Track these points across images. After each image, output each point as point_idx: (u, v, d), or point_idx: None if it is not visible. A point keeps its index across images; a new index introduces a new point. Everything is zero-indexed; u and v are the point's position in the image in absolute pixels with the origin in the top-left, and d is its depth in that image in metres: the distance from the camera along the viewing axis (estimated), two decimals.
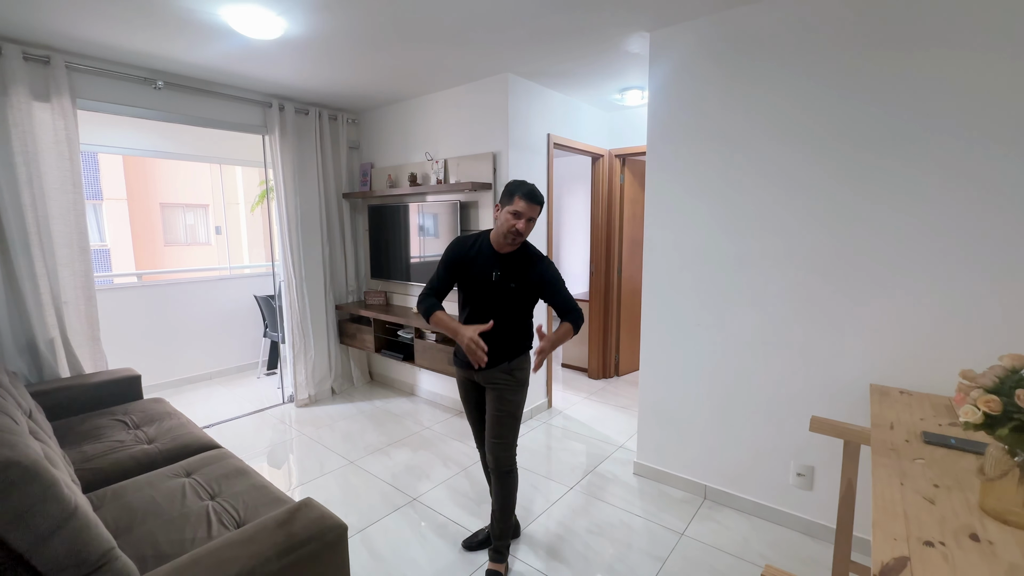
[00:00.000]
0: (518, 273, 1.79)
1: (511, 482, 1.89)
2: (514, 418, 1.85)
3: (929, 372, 1.78)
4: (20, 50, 2.39)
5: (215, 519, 1.54)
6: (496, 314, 1.78)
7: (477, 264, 1.82)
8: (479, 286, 1.81)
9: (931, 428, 1.38)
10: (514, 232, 1.71)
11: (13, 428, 1.22)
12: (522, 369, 1.86)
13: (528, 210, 1.71)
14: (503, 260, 1.80)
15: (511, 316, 1.82)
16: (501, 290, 1.78)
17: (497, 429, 1.84)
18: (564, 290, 1.82)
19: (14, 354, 2.50)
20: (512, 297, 1.80)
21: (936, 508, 1.00)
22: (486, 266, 1.80)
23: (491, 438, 1.85)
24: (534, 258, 1.82)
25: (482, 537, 2.06)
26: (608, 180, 4.00)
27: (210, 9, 2.08)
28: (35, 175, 2.48)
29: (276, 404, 3.75)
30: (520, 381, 1.85)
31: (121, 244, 9.74)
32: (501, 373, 1.82)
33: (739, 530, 2.16)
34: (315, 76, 3.00)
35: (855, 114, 1.85)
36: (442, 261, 1.89)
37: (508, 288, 1.78)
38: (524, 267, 1.79)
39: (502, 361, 1.81)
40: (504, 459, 1.85)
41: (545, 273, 1.80)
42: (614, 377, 4.30)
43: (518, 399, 1.85)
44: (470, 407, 1.98)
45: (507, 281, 1.78)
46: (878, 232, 1.85)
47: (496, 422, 1.83)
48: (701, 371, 2.36)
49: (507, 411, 1.83)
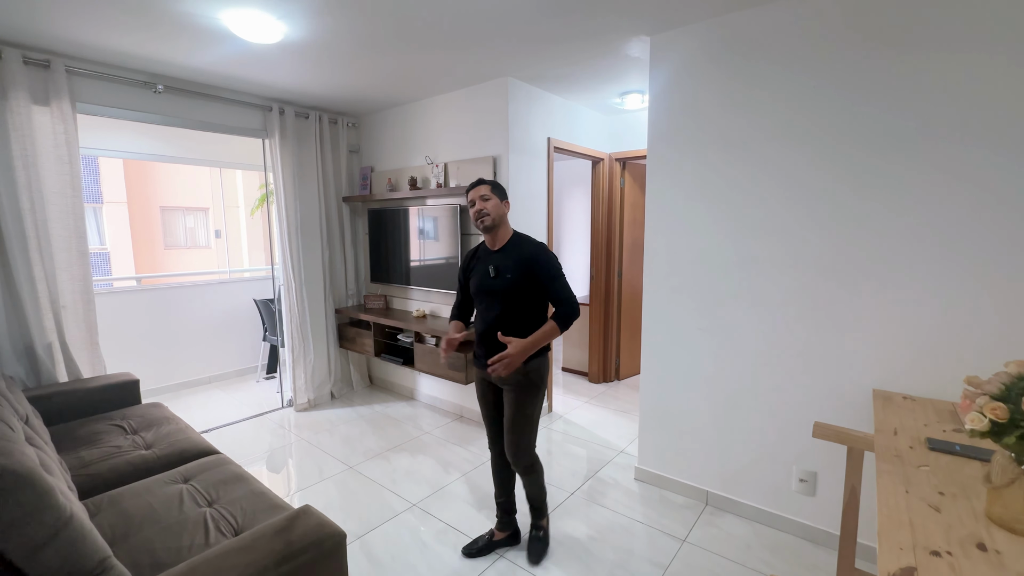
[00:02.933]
0: (511, 265, 1.81)
1: (534, 475, 1.97)
2: (529, 420, 1.88)
3: (933, 377, 1.77)
4: (20, 54, 2.38)
5: (213, 526, 1.53)
6: (501, 311, 1.82)
7: (478, 265, 1.92)
8: (480, 284, 1.88)
9: (935, 434, 1.36)
10: (476, 214, 1.82)
11: (8, 435, 1.20)
12: (537, 371, 1.86)
13: (474, 193, 1.84)
14: (497, 255, 1.86)
15: (518, 314, 1.82)
16: (500, 284, 1.82)
17: (513, 430, 1.87)
18: (557, 279, 1.81)
19: (12, 359, 2.49)
20: (512, 291, 1.80)
21: (942, 516, 0.99)
22: (484, 264, 1.89)
23: (508, 439, 1.89)
24: (526, 247, 1.84)
25: (482, 544, 2.05)
26: (608, 184, 4.00)
27: (210, 13, 2.08)
28: (34, 179, 2.47)
29: (275, 408, 3.73)
30: (534, 383, 1.86)
31: (121, 247, 9.74)
32: (516, 375, 1.82)
33: (741, 536, 2.15)
34: (315, 80, 3.00)
35: (858, 117, 1.85)
36: (458, 275, 2.03)
37: (505, 280, 1.80)
38: (516, 257, 1.82)
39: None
40: (522, 458, 1.90)
41: (534, 256, 1.81)
42: (615, 381, 4.28)
43: (533, 400, 1.87)
44: (486, 406, 2.00)
45: (503, 274, 1.81)
46: (881, 235, 1.84)
47: (512, 423, 1.87)
48: (702, 375, 2.34)
49: (522, 412, 1.86)
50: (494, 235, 1.87)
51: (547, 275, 1.80)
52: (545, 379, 1.89)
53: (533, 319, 1.84)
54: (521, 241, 1.87)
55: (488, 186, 1.84)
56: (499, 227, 1.85)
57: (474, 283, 1.91)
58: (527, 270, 1.80)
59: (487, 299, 1.86)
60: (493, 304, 1.84)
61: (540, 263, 1.80)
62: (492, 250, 1.88)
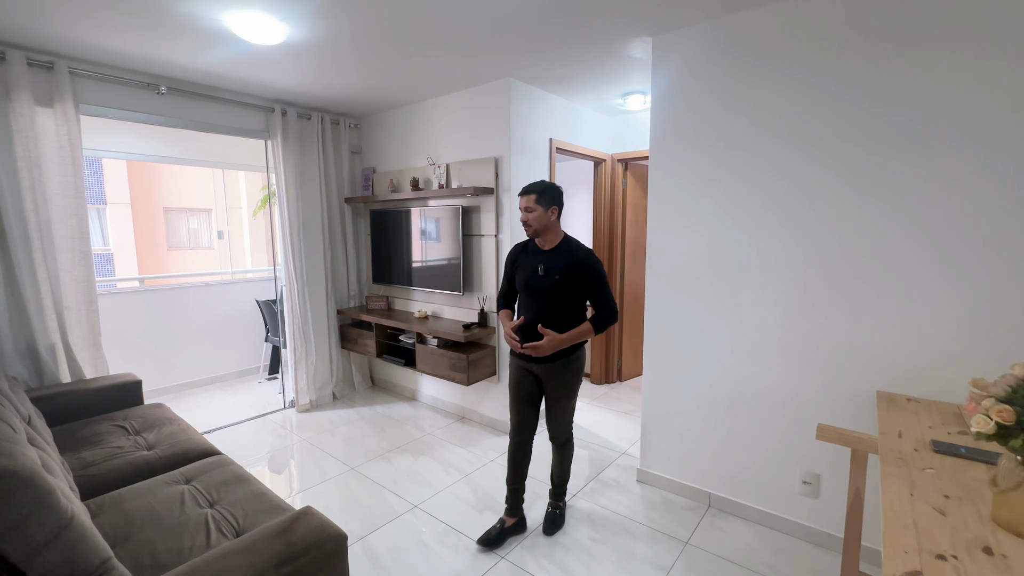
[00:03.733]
0: (561, 267, 1.98)
1: (568, 450, 2.21)
2: (569, 400, 2.11)
3: (937, 379, 1.75)
4: (24, 56, 2.39)
5: (214, 527, 1.53)
6: (545, 306, 2.01)
7: (526, 260, 2.11)
8: (528, 280, 2.06)
9: (940, 436, 1.35)
10: (524, 223, 2.02)
11: (10, 436, 1.20)
12: (579, 359, 2.08)
13: (520, 202, 2.02)
14: (547, 255, 2.04)
15: (560, 309, 2.01)
16: (547, 284, 2.00)
17: (555, 409, 2.11)
18: (602, 289, 2.00)
19: (15, 359, 2.49)
20: (558, 291, 1.99)
21: (947, 520, 0.98)
22: (533, 261, 2.07)
23: (555, 417, 2.13)
24: (577, 253, 2.01)
25: (495, 534, 2.12)
26: (610, 184, 3.99)
27: (213, 15, 2.08)
28: (37, 180, 2.48)
29: (277, 409, 3.74)
30: (575, 371, 2.08)
31: (124, 248, 9.76)
32: (558, 365, 2.03)
33: (744, 539, 2.14)
34: (317, 81, 3.00)
35: (862, 117, 1.84)
36: (505, 266, 2.23)
37: (553, 280, 1.99)
38: (566, 262, 1.99)
39: (561, 357, 2.02)
40: (561, 432, 2.15)
41: (585, 269, 1.98)
42: (617, 382, 4.27)
43: (573, 384, 2.09)
44: (519, 394, 2.15)
45: (552, 274, 1.99)
46: (886, 235, 1.83)
47: (556, 403, 2.10)
48: (705, 376, 2.34)
49: (563, 394, 2.09)
50: (543, 237, 2.05)
51: (595, 282, 1.98)
52: (583, 366, 2.12)
53: (572, 317, 2.02)
54: (572, 247, 2.03)
55: (533, 196, 1.98)
56: (546, 232, 2.03)
57: (521, 277, 2.09)
58: (576, 275, 1.97)
59: (532, 294, 2.04)
60: (538, 299, 2.02)
61: (590, 271, 1.97)
62: (543, 249, 2.06)
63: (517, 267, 2.14)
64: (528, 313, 2.06)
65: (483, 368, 3.14)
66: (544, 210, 1.98)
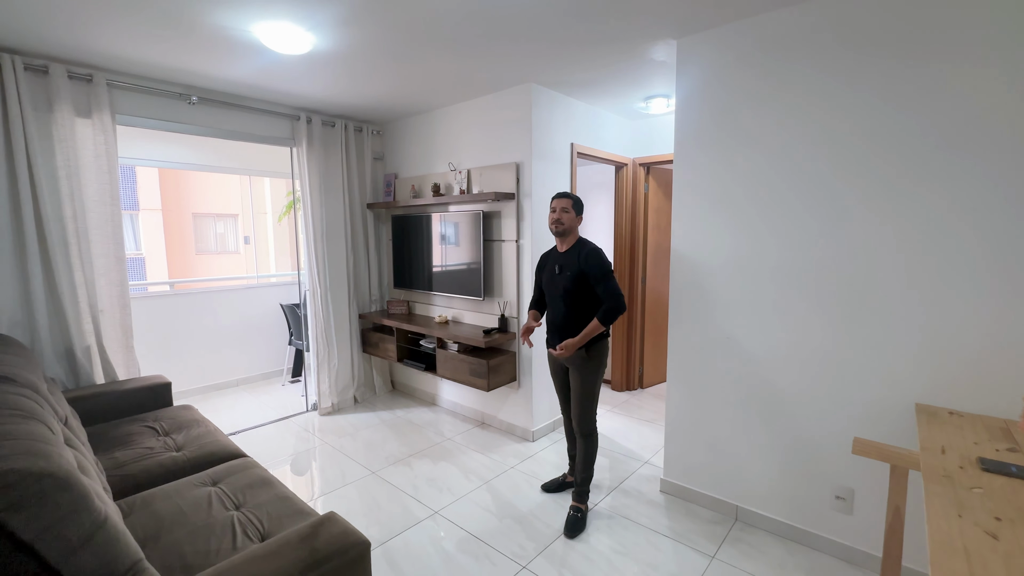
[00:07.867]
0: (572, 265, 2.19)
1: (592, 442, 2.33)
2: (590, 393, 2.26)
3: (981, 391, 1.67)
4: (65, 69, 2.49)
5: (239, 530, 1.55)
6: (563, 302, 2.23)
7: (548, 263, 2.35)
8: (548, 280, 2.32)
9: (988, 453, 1.28)
10: (555, 220, 2.23)
11: (48, 437, 1.24)
12: (596, 353, 2.23)
13: (556, 203, 2.24)
14: (563, 256, 2.27)
15: (578, 305, 2.20)
16: (561, 281, 2.22)
17: (577, 402, 2.29)
18: (604, 280, 2.12)
19: (52, 361, 2.58)
20: (570, 287, 2.18)
21: (1000, 544, 0.93)
22: (553, 263, 2.31)
23: (574, 409, 2.31)
24: (583, 250, 2.19)
25: (558, 483, 2.55)
26: (632, 189, 3.95)
27: (242, 26, 2.13)
28: (76, 188, 2.57)
29: (300, 412, 3.79)
30: (592, 368, 2.23)
31: (155, 253, 10.09)
32: (579, 357, 2.22)
33: (774, 554, 2.07)
34: (341, 89, 3.05)
35: (897, 123, 1.77)
36: (535, 273, 2.47)
37: (565, 277, 2.20)
38: (576, 259, 2.19)
39: (580, 351, 2.20)
40: (584, 423, 2.30)
41: (586, 258, 2.16)
42: (638, 390, 4.21)
43: (593, 378, 2.25)
44: (557, 381, 2.45)
45: (564, 272, 2.21)
46: (925, 241, 1.75)
47: (576, 396, 2.29)
48: (732, 386, 2.28)
49: (584, 388, 2.26)
50: (564, 239, 2.27)
51: (595, 276, 2.14)
52: (604, 359, 2.26)
53: (589, 310, 2.19)
54: (580, 245, 2.23)
55: (570, 201, 2.24)
56: (569, 234, 2.25)
57: (545, 279, 2.34)
58: (581, 270, 2.16)
59: (552, 292, 2.29)
60: (557, 296, 2.26)
61: (590, 264, 2.15)
62: (560, 251, 2.29)
63: (543, 271, 2.37)
64: (552, 312, 2.32)
65: (503, 374, 3.13)
66: (575, 215, 2.24)
